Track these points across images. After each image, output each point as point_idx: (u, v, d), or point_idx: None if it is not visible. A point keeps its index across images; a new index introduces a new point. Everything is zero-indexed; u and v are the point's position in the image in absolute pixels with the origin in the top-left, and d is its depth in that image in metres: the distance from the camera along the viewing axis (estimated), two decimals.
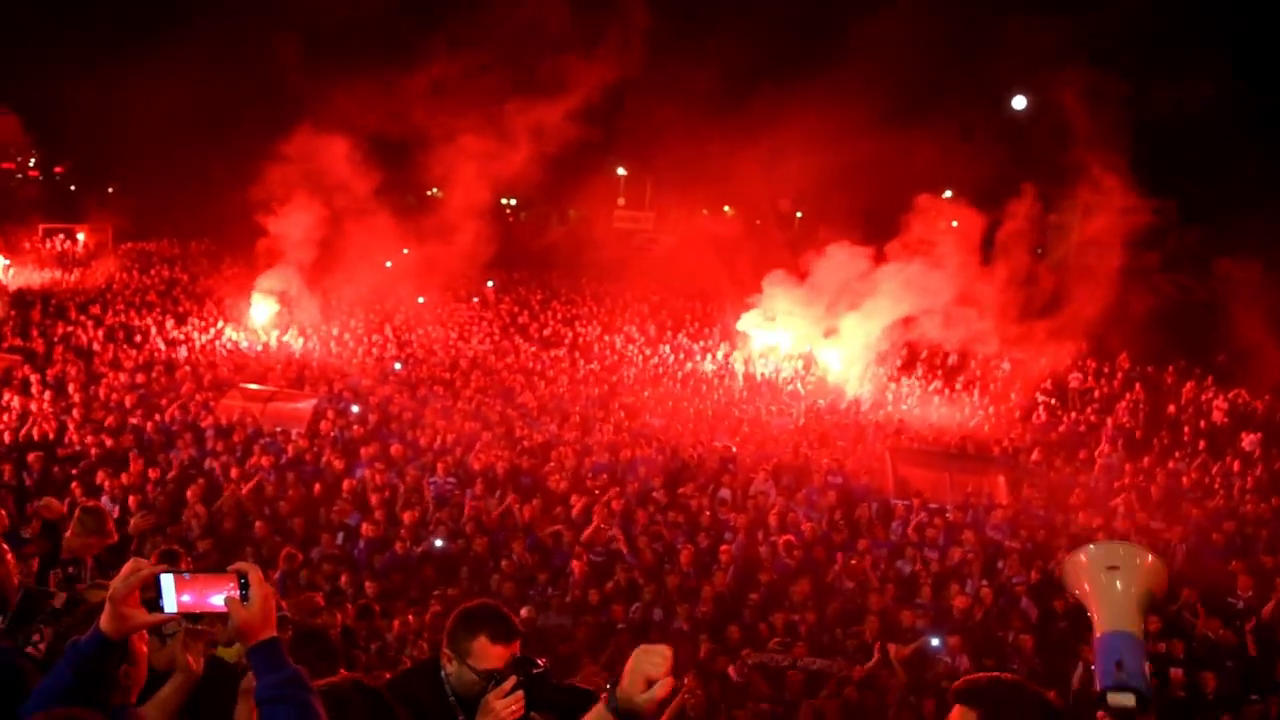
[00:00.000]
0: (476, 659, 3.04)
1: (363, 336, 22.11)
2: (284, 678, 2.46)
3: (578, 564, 11.18)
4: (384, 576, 10.89)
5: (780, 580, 11.43)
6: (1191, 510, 14.29)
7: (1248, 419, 19.44)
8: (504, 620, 3.12)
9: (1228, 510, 14.42)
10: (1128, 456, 16.74)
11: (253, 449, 13.95)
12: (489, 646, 3.04)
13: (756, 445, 16.10)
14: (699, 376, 20.50)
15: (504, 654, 3.04)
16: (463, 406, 16.80)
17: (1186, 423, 19.11)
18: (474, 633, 3.07)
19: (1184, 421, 19.22)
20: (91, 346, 19.21)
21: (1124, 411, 19.59)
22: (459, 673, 3.08)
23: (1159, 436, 18.22)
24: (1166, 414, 19.72)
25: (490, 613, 3.14)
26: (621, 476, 14.14)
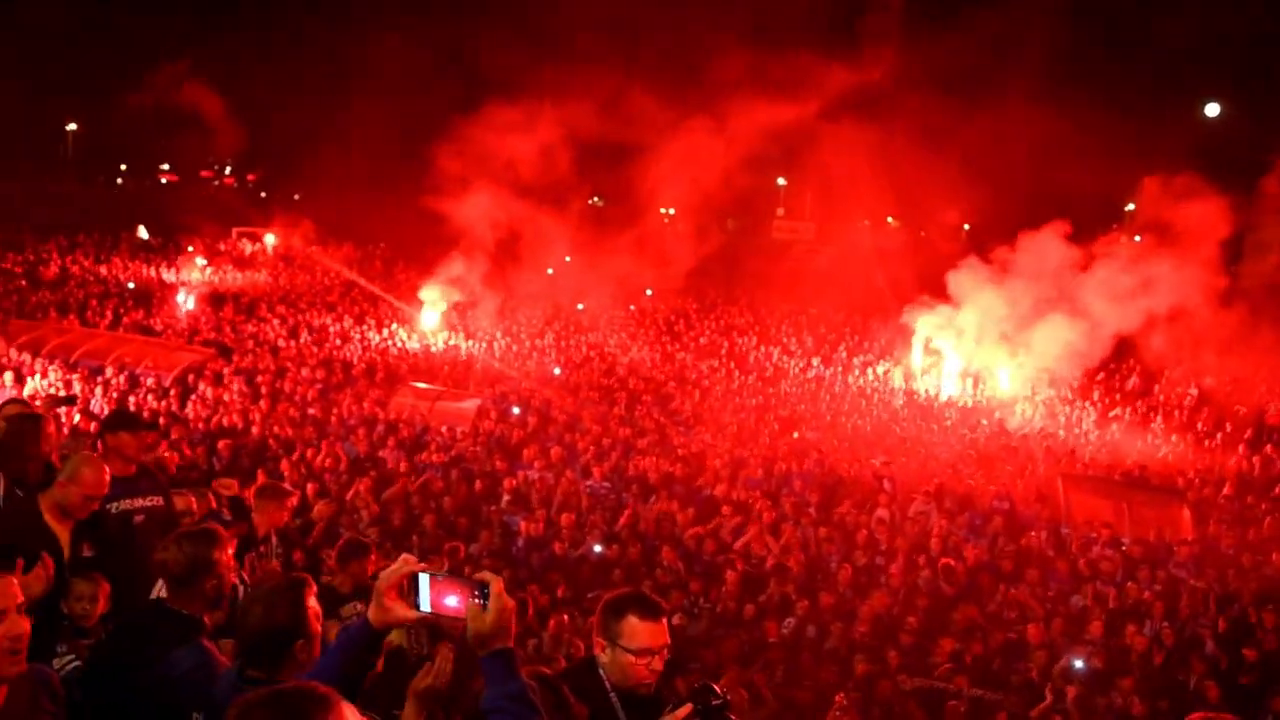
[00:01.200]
0: (628, 639, 3.09)
1: (525, 340, 22.73)
2: (512, 691, 2.53)
3: (731, 575, 11.10)
4: (541, 575, 11.11)
5: (940, 606, 11.02)
6: None
7: None
8: (649, 599, 3.18)
9: None
10: None
11: (421, 445, 14.55)
12: (638, 625, 3.09)
13: (917, 465, 15.60)
14: (858, 391, 20.05)
15: (653, 630, 3.09)
16: (619, 412, 17.01)
17: None
18: (622, 614, 3.13)
19: None
20: (278, 343, 20.51)
21: None
22: (614, 659, 3.12)
23: None
24: None
25: (635, 594, 3.23)
26: (776, 490, 13.98)
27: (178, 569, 3.64)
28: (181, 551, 3.65)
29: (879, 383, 20.91)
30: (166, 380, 17.07)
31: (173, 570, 3.65)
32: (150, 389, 16.58)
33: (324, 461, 13.52)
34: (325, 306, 24.79)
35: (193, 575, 3.63)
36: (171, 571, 3.65)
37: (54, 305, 23.02)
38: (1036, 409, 19.48)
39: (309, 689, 2.06)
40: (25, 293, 24.09)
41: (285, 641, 3.00)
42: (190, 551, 3.65)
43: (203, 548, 3.68)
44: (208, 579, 3.65)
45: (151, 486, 5.58)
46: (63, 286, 25.56)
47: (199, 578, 3.64)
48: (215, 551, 3.70)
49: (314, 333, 21.81)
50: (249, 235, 36.94)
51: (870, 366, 21.83)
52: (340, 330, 22.26)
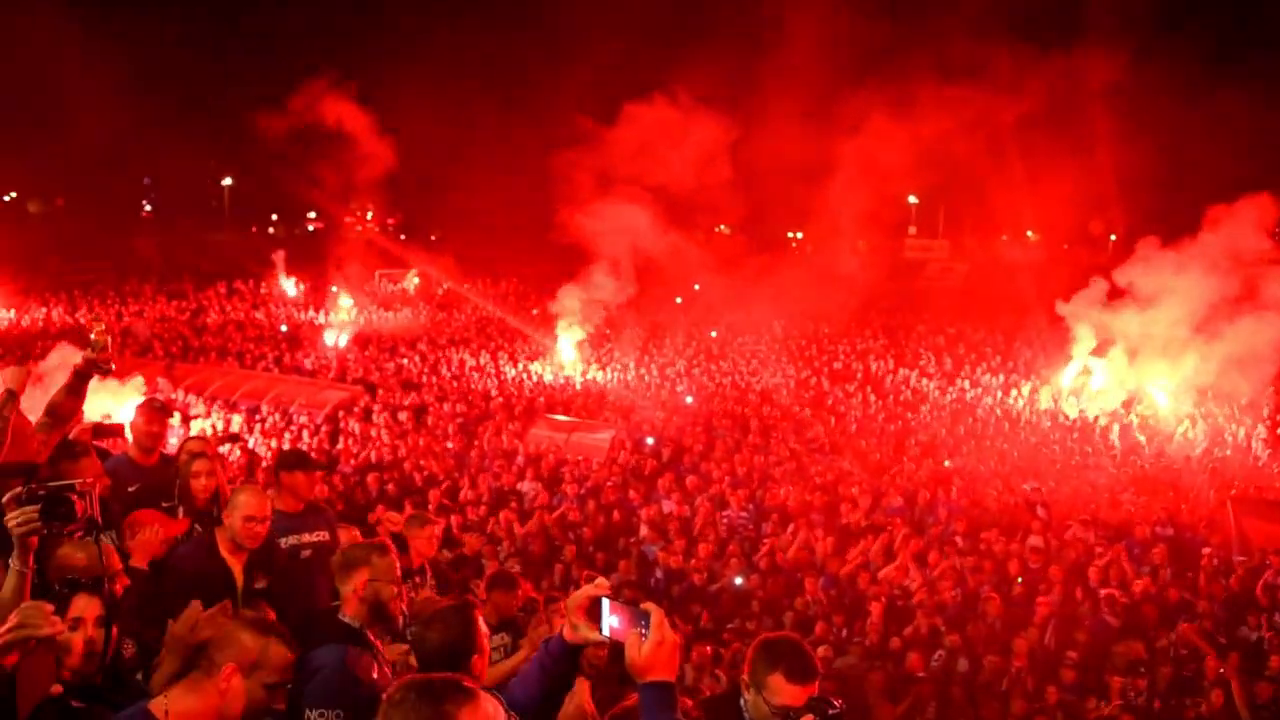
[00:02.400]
0: (772, 693, 3.10)
1: (658, 370, 22.85)
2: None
3: (876, 606, 10.79)
4: (681, 606, 11.06)
5: (1102, 640, 10.42)
6: None
7: None
8: (803, 658, 3.17)
9: None
10: None
11: (559, 476, 14.77)
12: (785, 684, 3.10)
13: (1070, 490, 14.85)
14: (1003, 415, 19.28)
15: (799, 693, 3.08)
16: (753, 440, 16.85)
17: None
18: (772, 667, 3.14)
19: None
20: (420, 379, 21.26)
21: None
22: (755, 703, 3.16)
23: None
24: None
25: (790, 649, 3.21)
26: (920, 518, 13.56)
27: (337, 564, 3.98)
28: (343, 554, 4.03)
29: (1026, 404, 20.07)
30: (318, 418, 17.91)
31: (334, 566, 4.00)
32: (303, 426, 17.43)
33: (467, 494, 13.88)
34: (463, 342, 25.57)
35: (346, 570, 3.95)
36: (334, 566, 4.00)
37: (215, 349, 24.55)
38: (1200, 428, 18.30)
39: (456, 680, 2.28)
40: (189, 338, 25.78)
41: (461, 657, 3.27)
42: (352, 552, 4.03)
43: (363, 550, 4.07)
44: (360, 573, 3.95)
45: (319, 522, 5.84)
46: (221, 331, 27.25)
47: (351, 572, 3.95)
48: (373, 554, 4.02)
49: (453, 368, 22.52)
50: (390, 276, 38.58)
51: (1015, 387, 20.97)
52: (478, 365, 22.91)
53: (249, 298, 33.74)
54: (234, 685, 2.84)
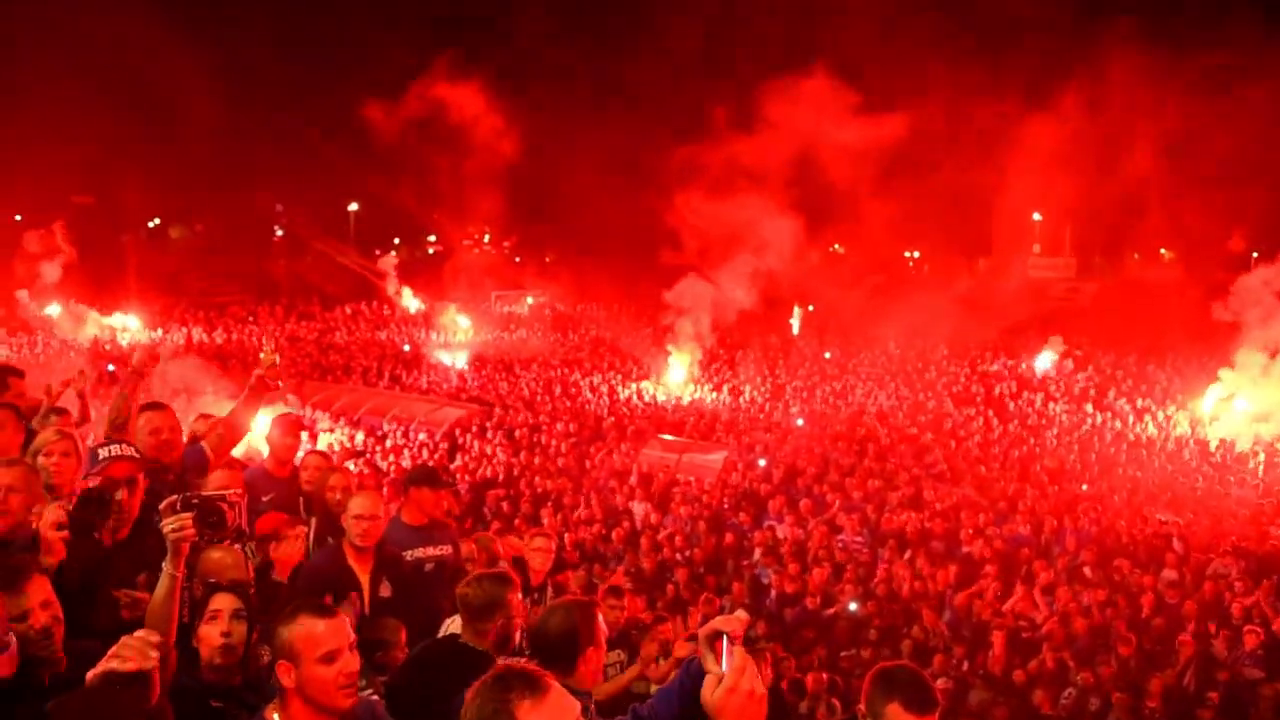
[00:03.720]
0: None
1: (770, 391, 22.65)
2: None
3: (999, 637, 10.40)
4: (794, 631, 10.89)
5: (1244, 681, 9.78)
6: None
7: None
8: (921, 689, 3.09)
9: None
10: None
11: (670, 496, 14.77)
12: (902, 714, 3.03)
13: (1211, 522, 14.02)
14: (1137, 440, 18.37)
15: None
16: (869, 464, 16.50)
17: None
18: (889, 697, 3.06)
19: None
20: (535, 398, 21.61)
21: None
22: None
23: None
24: None
25: (908, 679, 3.13)
26: (1046, 547, 13.02)
27: (476, 603, 3.98)
28: (481, 589, 4.01)
29: (1162, 430, 19.08)
30: (437, 435, 18.40)
31: (471, 604, 3.99)
32: (423, 444, 17.92)
33: (581, 513, 14.01)
34: (577, 363, 25.91)
35: (488, 611, 3.96)
36: (470, 604, 4.00)
37: (340, 368, 25.51)
38: None
39: (532, 672, 2.24)
40: (316, 357, 26.87)
41: (578, 647, 3.33)
42: (489, 589, 4.00)
43: (499, 587, 4.03)
44: (499, 617, 3.96)
45: (443, 537, 5.99)
46: (346, 350, 28.31)
47: (493, 615, 3.96)
48: (509, 593, 4.03)
49: (566, 388, 22.82)
50: (506, 297, 39.46)
51: (1149, 413, 19.96)
52: (591, 385, 23.15)
53: (372, 318, 34.98)
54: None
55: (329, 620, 2.90)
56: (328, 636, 2.86)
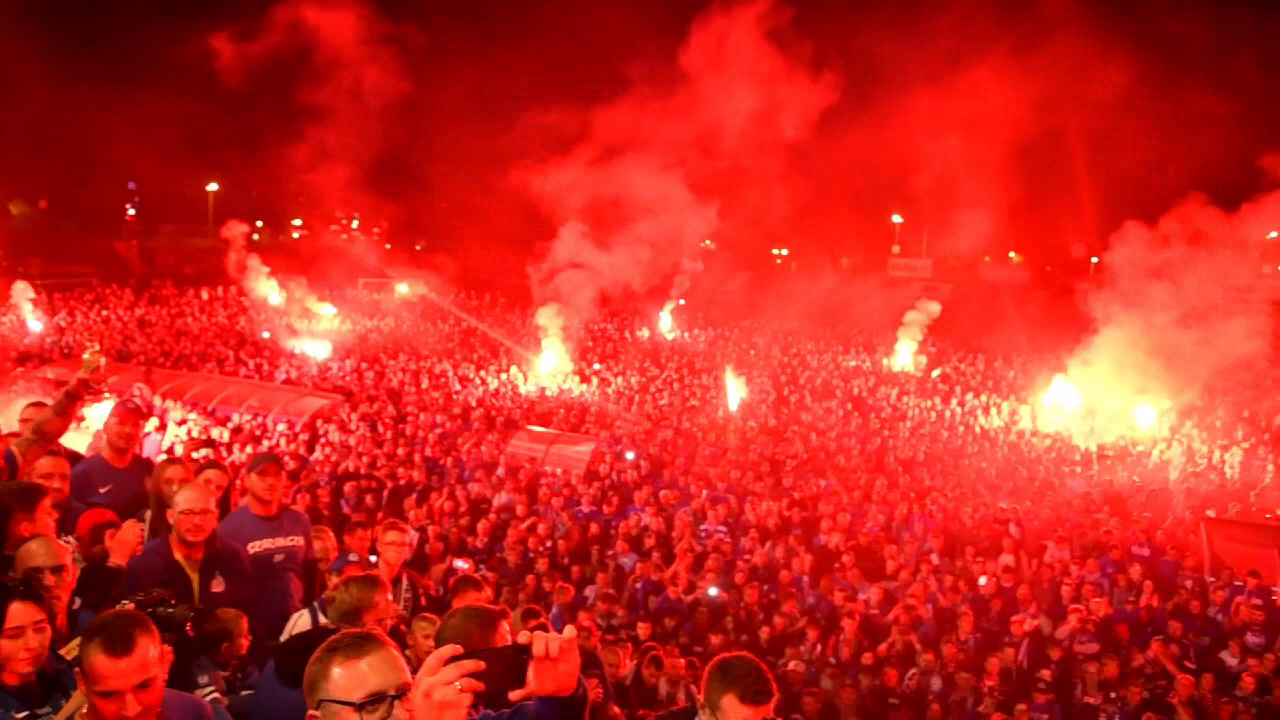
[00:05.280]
0: (725, 714, 3.08)
1: (638, 384, 22.86)
2: None
3: (850, 623, 10.80)
4: (657, 620, 11.03)
5: (1074, 659, 10.46)
6: None
7: None
8: (757, 680, 3.13)
9: None
10: None
11: (537, 487, 14.73)
12: (738, 705, 3.08)
13: (1048, 510, 14.92)
14: (983, 433, 19.38)
15: (753, 715, 3.05)
16: (733, 456, 16.85)
17: None
18: (726, 688, 3.12)
19: None
20: (401, 388, 21.18)
21: None
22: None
23: None
24: None
25: (745, 671, 3.16)
26: (897, 535, 13.59)
27: (343, 607, 4.01)
28: (348, 593, 4.06)
29: (1006, 424, 20.19)
30: (296, 425, 17.81)
31: (339, 608, 4.03)
32: (281, 434, 17.33)
33: (445, 504, 13.82)
34: (445, 353, 25.52)
35: (355, 616, 3.97)
36: (338, 608, 4.04)
37: (195, 355, 24.39)
38: (1175, 449, 18.45)
39: (362, 631, 2.43)
40: (168, 343, 25.61)
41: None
42: (357, 594, 4.06)
43: (367, 591, 4.09)
44: (367, 620, 3.99)
45: (294, 527, 5.80)
46: (201, 337, 27.09)
47: (359, 619, 3.98)
48: (377, 594, 4.08)
49: (434, 378, 22.45)
50: (374, 285, 38.49)
51: (995, 407, 21.09)
52: (460, 376, 22.86)
53: (230, 304, 33.57)
54: None
55: (116, 660, 2.74)
56: (110, 675, 2.74)
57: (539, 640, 2.22)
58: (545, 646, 2.22)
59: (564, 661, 2.24)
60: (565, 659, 2.24)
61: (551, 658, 2.21)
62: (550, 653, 2.21)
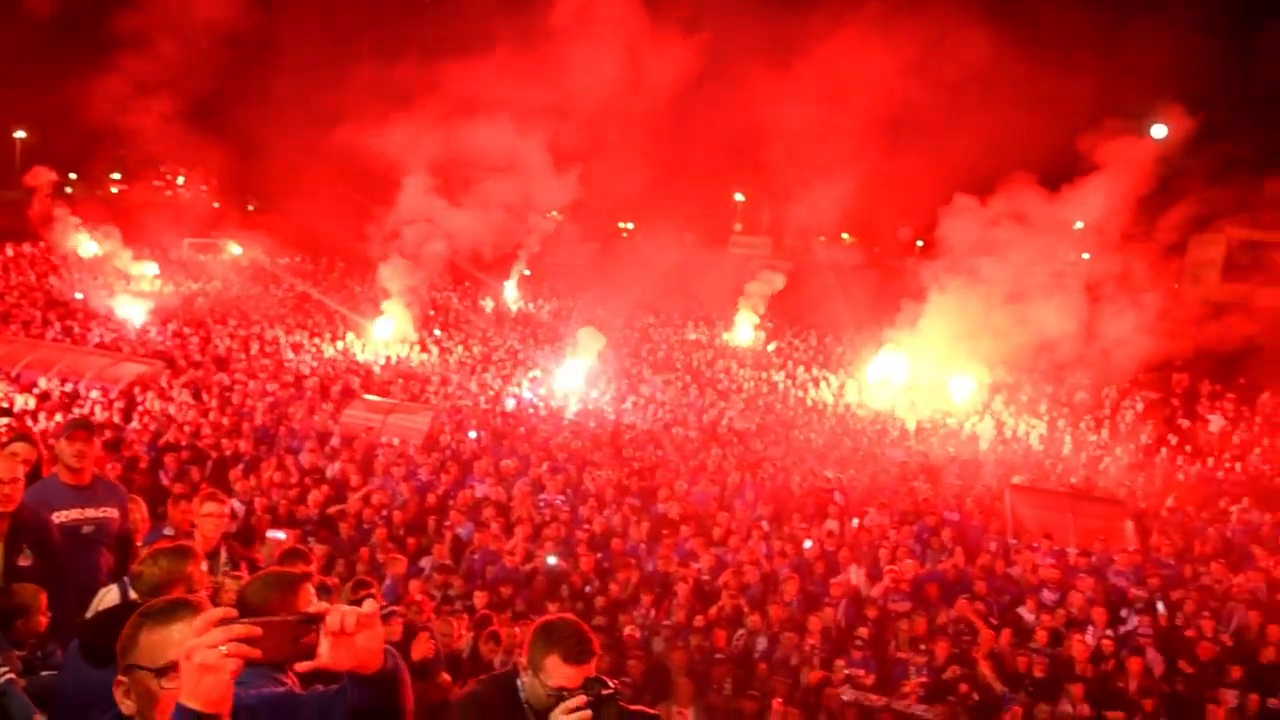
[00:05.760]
0: (548, 675, 3.12)
1: (481, 355, 22.66)
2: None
3: (683, 588, 11.15)
4: (493, 588, 11.07)
5: (889, 616, 11.16)
6: None
7: None
8: (580, 641, 3.17)
9: None
10: (1267, 505, 15.72)
11: (373, 458, 14.44)
12: (561, 665, 3.12)
13: (869, 478, 15.78)
14: (812, 406, 20.26)
15: (575, 674, 3.09)
16: (572, 426, 17.00)
17: None
18: (549, 650, 3.15)
19: None
20: (228, 355, 20.25)
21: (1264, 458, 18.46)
22: (532, 685, 3.18)
23: None
24: None
25: (568, 632, 3.20)
26: (729, 503, 14.07)
27: (152, 581, 3.81)
28: (157, 566, 3.85)
29: (834, 397, 21.16)
30: (112, 393, 16.78)
31: (148, 582, 3.83)
32: (95, 402, 16.29)
33: (274, 475, 13.37)
34: (277, 319, 24.53)
35: (165, 589, 3.74)
36: (146, 583, 3.83)
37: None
38: (987, 422, 19.82)
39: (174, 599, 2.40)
40: None
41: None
42: (166, 566, 3.85)
43: (177, 563, 3.88)
44: (180, 592, 3.73)
45: (108, 497, 5.52)
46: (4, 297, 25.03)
47: (172, 590, 3.74)
48: (189, 566, 3.89)
49: (265, 345, 21.56)
50: (201, 246, 36.45)
51: (825, 381, 22.06)
52: (293, 343, 22.03)
53: (39, 262, 31.10)
54: None
55: None
56: None
57: (334, 613, 2.12)
58: (340, 620, 2.11)
59: (363, 636, 2.14)
60: (364, 634, 2.14)
61: (347, 631, 2.11)
62: (346, 627, 2.11)
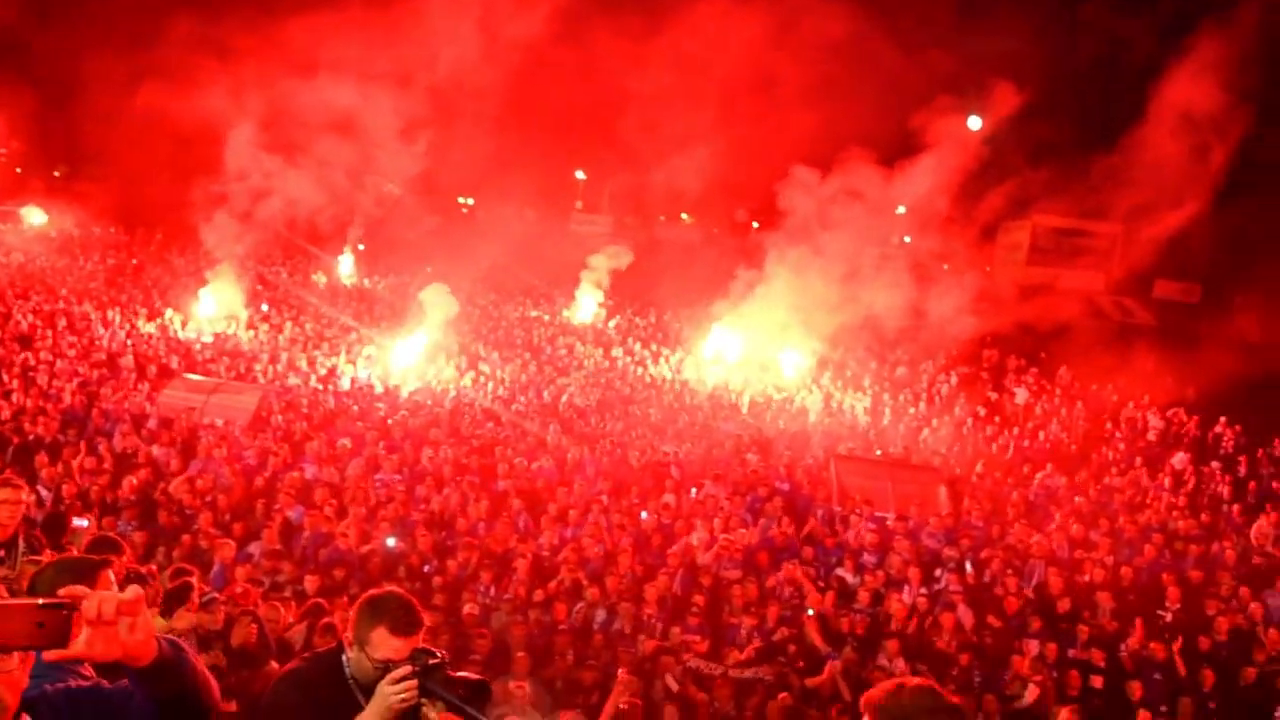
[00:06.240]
0: (374, 648, 3.09)
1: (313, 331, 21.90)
2: None
3: (521, 564, 11.19)
4: (326, 572, 10.79)
5: (722, 584, 11.56)
6: (1125, 525, 14.63)
7: (1181, 439, 20.05)
8: (408, 612, 3.15)
9: (1158, 525, 14.80)
10: (1066, 471, 17.13)
11: (196, 440, 13.78)
12: (388, 637, 3.09)
13: (704, 451, 16.23)
14: (651, 382, 20.62)
15: (403, 646, 3.07)
16: (409, 404, 16.72)
17: (1123, 440, 19.61)
18: (375, 622, 3.12)
19: (1121, 439, 19.73)
20: (32, 332, 18.80)
21: (1063, 427, 20.09)
22: (358, 660, 3.14)
23: (1097, 452, 18.68)
24: (1104, 430, 20.22)
25: (394, 604, 3.17)
26: (568, 478, 14.19)
27: None
28: None
29: (672, 372, 21.61)
30: None
31: None
32: None
33: (84, 460, 12.55)
34: (88, 293, 22.90)
35: None
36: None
37: None
38: (815, 395, 20.70)
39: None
40: None
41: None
42: None
43: None
44: None
45: None
46: None
47: None
48: None
49: (74, 322, 20.12)
50: None
51: (663, 357, 22.48)
52: (105, 320, 20.64)
53: None
54: None
55: None
56: None
57: (91, 599, 1.93)
58: (98, 606, 1.93)
59: (126, 625, 1.97)
60: (126, 621, 1.97)
61: (106, 619, 1.93)
62: (104, 614, 1.93)
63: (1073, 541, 13.76)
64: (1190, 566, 13.35)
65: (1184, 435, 20.28)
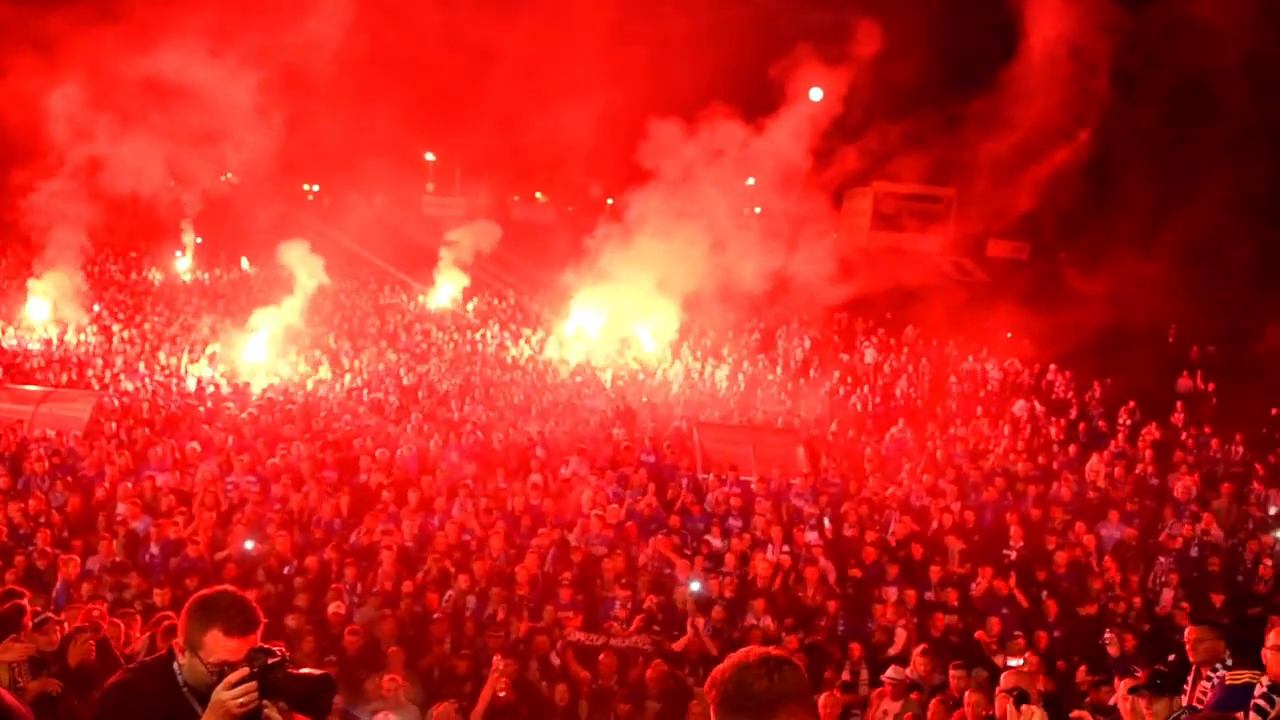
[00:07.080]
0: (209, 651, 2.93)
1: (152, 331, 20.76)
2: None
3: (387, 555, 10.96)
4: (178, 582, 10.30)
5: (592, 559, 11.62)
6: (968, 470, 15.41)
7: (1019, 387, 21.28)
8: (241, 611, 2.99)
9: (1000, 469, 15.66)
10: (913, 423, 17.94)
11: (25, 454, 12.88)
12: (222, 639, 2.93)
13: (569, 429, 16.23)
14: (512, 363, 20.46)
15: (239, 646, 2.92)
16: (259, 401, 16.10)
17: (965, 391, 20.67)
18: (208, 625, 2.95)
19: (963, 390, 20.79)
20: None
21: (911, 383, 21.01)
22: (191, 665, 2.96)
23: (942, 405, 19.63)
24: (947, 383, 21.25)
25: (227, 603, 3.01)
26: (431, 465, 13.96)
27: None
28: None
29: (534, 352, 21.50)
30: None
31: None
32: None
33: None
34: None
35: None
36: None
37: None
38: (677, 366, 20.98)
39: None
40: None
41: None
42: None
43: None
44: None
45: None
46: None
47: None
48: None
49: None
50: None
51: (525, 339, 22.33)
52: None
53: None
54: None
55: None
56: None
57: None
58: None
59: None
60: None
61: None
62: None
63: (923, 491, 14.42)
64: (1030, 505, 14.20)
65: (1021, 384, 21.52)
